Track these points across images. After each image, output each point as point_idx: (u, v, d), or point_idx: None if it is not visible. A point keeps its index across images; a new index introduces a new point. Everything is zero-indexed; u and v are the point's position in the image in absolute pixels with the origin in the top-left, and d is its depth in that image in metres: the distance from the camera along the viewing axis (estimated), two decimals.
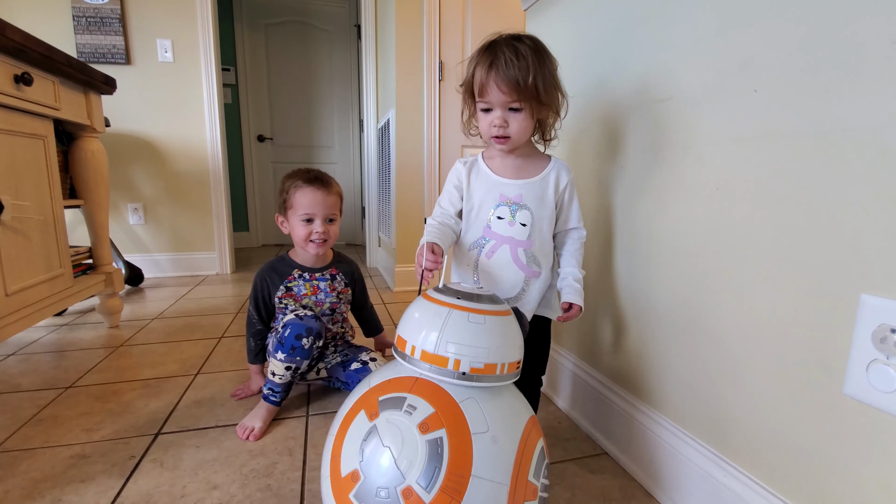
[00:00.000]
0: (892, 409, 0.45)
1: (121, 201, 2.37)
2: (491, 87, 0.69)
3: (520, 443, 0.52)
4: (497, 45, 0.70)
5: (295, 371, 0.97)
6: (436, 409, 0.50)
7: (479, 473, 0.48)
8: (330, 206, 1.02)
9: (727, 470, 0.64)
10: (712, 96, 0.64)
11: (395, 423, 0.50)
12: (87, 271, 1.51)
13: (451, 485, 0.47)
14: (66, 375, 1.21)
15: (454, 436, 0.49)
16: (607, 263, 0.90)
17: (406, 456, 0.48)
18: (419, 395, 0.52)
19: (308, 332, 0.96)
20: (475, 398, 0.52)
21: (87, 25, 2.20)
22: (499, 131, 0.72)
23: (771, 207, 0.57)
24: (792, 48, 0.53)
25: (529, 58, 0.68)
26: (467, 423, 0.50)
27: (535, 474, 0.53)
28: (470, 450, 0.48)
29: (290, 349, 0.95)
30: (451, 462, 0.47)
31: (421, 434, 0.49)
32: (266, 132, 3.59)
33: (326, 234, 1.02)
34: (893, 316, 0.44)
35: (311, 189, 1.00)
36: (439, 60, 2.02)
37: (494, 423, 0.51)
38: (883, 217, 0.45)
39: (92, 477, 0.80)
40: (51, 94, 1.23)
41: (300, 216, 1.00)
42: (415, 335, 0.55)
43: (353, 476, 0.50)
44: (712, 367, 0.67)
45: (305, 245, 1.03)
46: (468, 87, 0.74)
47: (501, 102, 0.71)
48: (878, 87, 0.45)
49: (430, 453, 0.48)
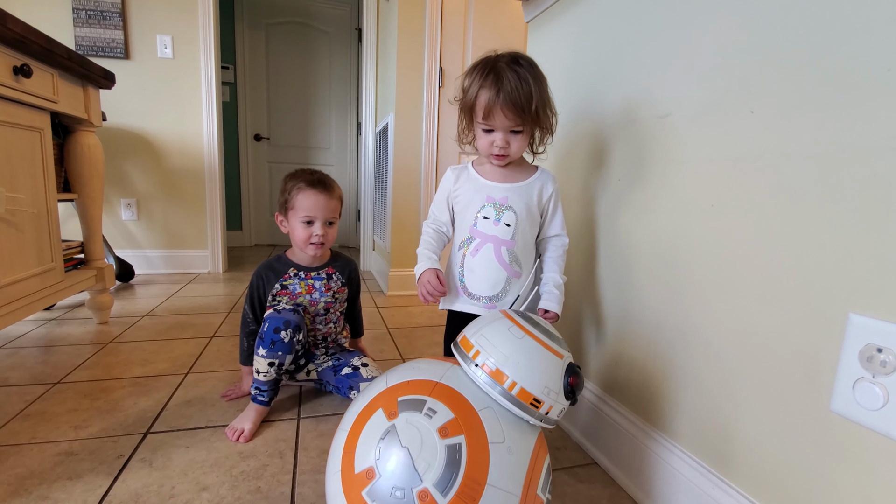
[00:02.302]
0: (876, 426, 0.46)
1: (114, 196, 2.35)
2: (497, 113, 0.73)
3: (531, 456, 0.53)
4: (500, 70, 0.72)
5: (279, 367, 0.97)
6: (456, 415, 0.51)
7: (494, 482, 0.48)
8: (331, 209, 1.02)
9: (715, 482, 0.65)
10: (710, 115, 0.66)
11: (415, 425, 0.50)
12: (78, 266, 1.49)
13: (467, 491, 0.47)
14: (55, 371, 1.20)
15: (472, 443, 0.49)
16: (590, 272, 0.92)
17: (424, 458, 0.48)
18: (439, 399, 0.53)
19: (286, 325, 0.96)
20: (493, 408, 0.53)
21: (86, 18, 2.19)
22: (501, 151, 0.76)
23: (764, 225, 0.58)
24: (788, 73, 0.55)
25: (531, 84, 0.72)
26: (485, 431, 0.51)
27: (543, 488, 0.54)
28: (487, 458, 0.49)
29: (270, 343, 0.95)
30: (469, 468, 0.48)
31: (441, 438, 0.49)
32: (263, 132, 3.58)
33: (325, 237, 1.02)
34: (880, 335, 0.46)
35: (314, 192, 1.00)
36: (440, 67, 2.03)
37: (510, 434, 0.52)
38: (872, 238, 0.47)
39: (80, 475, 0.79)
40: (49, 86, 1.22)
41: (301, 218, 1.00)
42: (486, 347, 0.58)
43: (367, 473, 0.50)
44: (702, 380, 0.68)
45: (304, 247, 1.03)
46: (469, 107, 0.76)
47: (505, 127, 0.74)
48: (869, 112, 0.47)
49: (449, 458, 0.48)
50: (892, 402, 0.45)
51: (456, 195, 0.85)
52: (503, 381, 0.54)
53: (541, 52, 1.15)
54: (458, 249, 0.84)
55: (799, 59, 0.53)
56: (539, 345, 0.57)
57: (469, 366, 0.57)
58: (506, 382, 0.54)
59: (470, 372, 0.57)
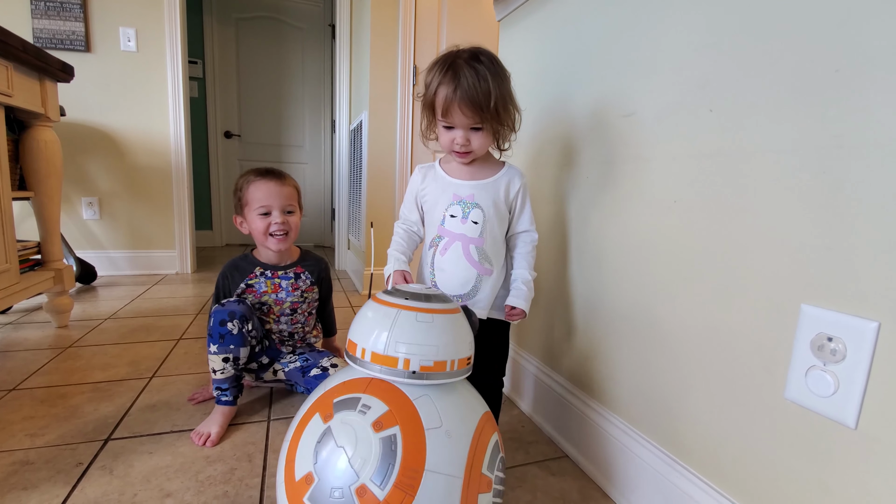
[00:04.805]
0: (828, 412, 0.48)
1: (74, 195, 2.25)
2: (454, 110, 0.72)
3: (473, 437, 0.53)
4: (458, 66, 0.71)
5: (235, 362, 0.94)
6: (390, 408, 0.51)
7: (433, 468, 0.48)
8: (286, 196, 1.01)
9: (677, 469, 0.67)
10: (672, 114, 0.67)
11: (350, 423, 0.50)
12: (34, 267, 1.42)
13: (405, 480, 0.47)
14: (9, 377, 1.14)
15: (408, 432, 0.49)
16: (562, 269, 0.93)
17: (360, 455, 0.48)
18: (373, 394, 0.52)
19: (231, 316, 0.94)
20: (429, 395, 0.53)
21: (45, 10, 2.10)
22: (461, 149, 0.76)
23: (722, 220, 0.60)
24: (744, 73, 0.56)
25: (490, 80, 0.71)
26: (421, 419, 0.51)
27: (490, 467, 0.54)
28: (423, 445, 0.49)
29: (218, 337, 0.93)
30: (405, 458, 0.48)
31: (375, 432, 0.49)
32: (234, 128, 3.49)
33: (287, 226, 1.00)
34: (830, 325, 0.48)
35: (264, 181, 0.99)
36: (413, 65, 2.02)
37: (448, 418, 0.52)
38: (822, 233, 0.49)
39: (35, 484, 0.76)
40: (3, 79, 1.17)
41: (256, 210, 0.99)
42: (365, 338, 0.55)
43: (307, 479, 0.50)
44: (663, 370, 0.70)
45: (266, 240, 1.01)
46: (429, 103, 0.76)
47: (464, 124, 0.74)
48: (818, 111, 0.49)
49: (384, 450, 0.48)
50: (843, 390, 0.47)
51: (424, 194, 0.84)
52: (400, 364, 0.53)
53: (512, 51, 1.16)
54: (428, 248, 0.84)
55: (754, 60, 0.55)
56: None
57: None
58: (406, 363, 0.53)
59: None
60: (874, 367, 0.45)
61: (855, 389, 0.46)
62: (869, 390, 0.45)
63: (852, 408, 0.46)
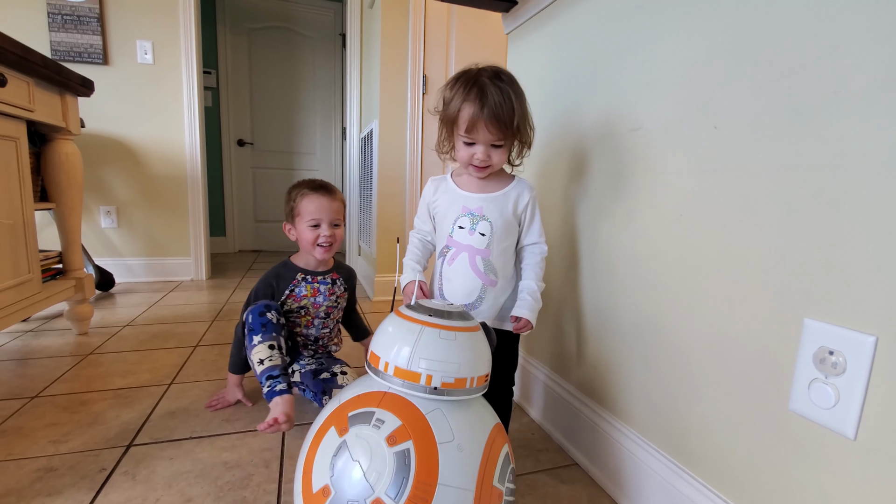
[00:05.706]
0: (830, 424, 0.49)
1: (93, 204, 2.31)
2: (480, 127, 0.74)
3: (484, 450, 0.54)
4: (483, 84, 0.74)
5: (280, 350, 0.98)
6: (403, 422, 0.52)
7: (445, 481, 0.50)
8: (335, 210, 1.06)
9: (685, 478, 0.68)
10: (677, 129, 0.69)
11: (364, 438, 0.52)
12: (56, 276, 1.47)
13: (419, 493, 0.49)
14: (32, 384, 1.18)
15: (421, 446, 0.51)
16: (571, 280, 0.95)
17: (375, 468, 0.50)
18: (387, 408, 0.54)
19: (267, 308, 1.00)
20: (441, 409, 0.55)
21: (62, 23, 2.16)
22: (480, 164, 0.79)
23: (728, 235, 0.61)
24: (747, 92, 0.58)
25: (513, 100, 0.74)
26: (433, 433, 0.52)
27: (500, 479, 0.55)
28: (436, 459, 0.50)
29: (261, 327, 0.97)
30: (418, 472, 0.49)
31: (389, 447, 0.51)
32: (247, 137, 3.55)
33: (332, 238, 1.06)
34: (832, 339, 0.49)
35: (317, 196, 1.05)
36: (423, 74, 2.05)
37: (460, 432, 0.53)
38: (824, 249, 0.50)
39: (59, 491, 0.79)
40: (25, 95, 1.21)
41: (307, 222, 1.04)
42: (388, 351, 0.57)
43: (323, 491, 0.51)
44: (671, 380, 0.71)
45: (313, 249, 1.06)
46: (451, 119, 0.78)
47: (487, 140, 0.76)
48: (816, 131, 0.50)
49: (398, 465, 0.50)
50: (843, 402, 0.48)
51: (435, 206, 0.87)
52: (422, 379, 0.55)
53: (520, 64, 1.18)
54: (438, 258, 0.86)
55: (757, 79, 0.57)
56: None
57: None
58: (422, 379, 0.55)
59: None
60: (872, 379, 0.46)
61: (854, 401, 0.47)
62: (867, 402, 0.46)
63: (852, 419, 0.47)
